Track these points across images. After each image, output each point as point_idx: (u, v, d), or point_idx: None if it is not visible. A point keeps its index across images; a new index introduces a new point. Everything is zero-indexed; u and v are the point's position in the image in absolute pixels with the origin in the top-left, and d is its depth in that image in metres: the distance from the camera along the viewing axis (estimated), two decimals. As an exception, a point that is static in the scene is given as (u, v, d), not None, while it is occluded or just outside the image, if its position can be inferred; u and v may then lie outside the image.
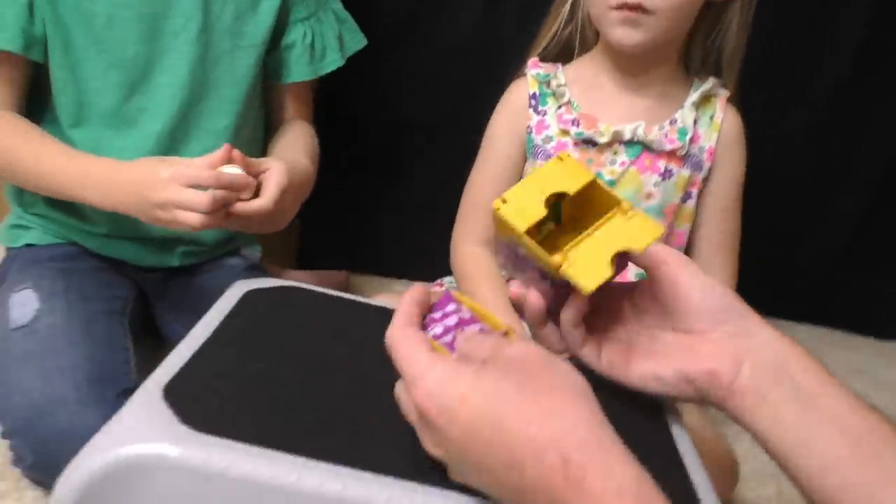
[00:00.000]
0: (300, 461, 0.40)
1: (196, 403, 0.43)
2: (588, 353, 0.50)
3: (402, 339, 0.42)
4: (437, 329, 0.47)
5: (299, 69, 0.92)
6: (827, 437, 0.43)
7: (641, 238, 0.48)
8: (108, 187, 0.75)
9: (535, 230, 0.49)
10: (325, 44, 0.93)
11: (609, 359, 0.50)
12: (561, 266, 0.47)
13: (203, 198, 0.69)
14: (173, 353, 0.48)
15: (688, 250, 0.91)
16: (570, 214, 0.51)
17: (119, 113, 0.83)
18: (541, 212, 0.49)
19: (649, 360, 0.49)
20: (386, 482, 0.40)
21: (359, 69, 0.99)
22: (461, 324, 0.47)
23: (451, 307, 0.48)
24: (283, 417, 0.43)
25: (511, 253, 0.52)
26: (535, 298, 0.51)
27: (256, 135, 0.94)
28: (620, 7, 0.79)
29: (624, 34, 0.80)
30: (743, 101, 0.90)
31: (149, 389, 0.44)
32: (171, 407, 0.42)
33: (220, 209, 0.71)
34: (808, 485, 0.44)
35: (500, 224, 0.50)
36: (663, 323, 0.50)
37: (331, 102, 1.08)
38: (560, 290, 0.49)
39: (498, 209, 0.49)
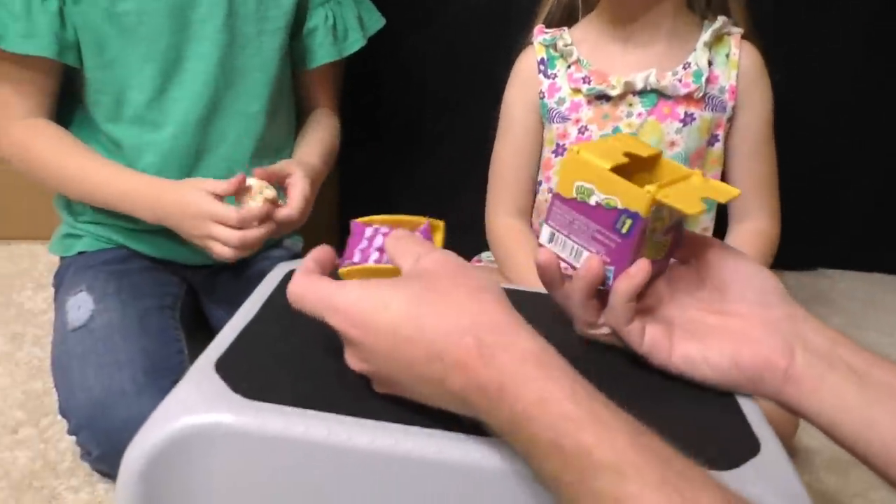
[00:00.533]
0: (350, 420, 0.41)
1: (247, 375, 0.44)
2: (631, 332, 0.47)
3: (303, 286, 0.43)
4: (357, 257, 0.49)
5: (324, 52, 0.94)
6: (891, 413, 0.42)
7: (721, 193, 0.48)
8: (152, 206, 0.81)
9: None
10: (347, 25, 0.95)
11: (652, 339, 0.47)
12: (654, 197, 0.45)
13: (233, 236, 0.77)
14: (222, 332, 0.50)
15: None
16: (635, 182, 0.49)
17: (155, 104, 0.86)
18: (621, 161, 0.48)
19: (696, 343, 0.47)
20: (435, 435, 0.41)
21: (379, 50, 0.99)
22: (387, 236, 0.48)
23: (368, 233, 0.50)
24: (327, 383, 0.45)
25: (569, 213, 0.49)
26: (595, 262, 0.47)
27: (290, 120, 0.96)
28: None
29: None
30: (769, 46, 0.88)
31: (202, 366, 0.46)
32: (224, 379, 0.44)
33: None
34: (884, 461, 0.42)
35: (576, 167, 0.48)
36: (706, 306, 0.48)
37: (354, 85, 1.08)
38: (621, 253, 0.47)
39: (578, 151, 0.48)
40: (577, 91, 0.87)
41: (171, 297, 0.90)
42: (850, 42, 1.17)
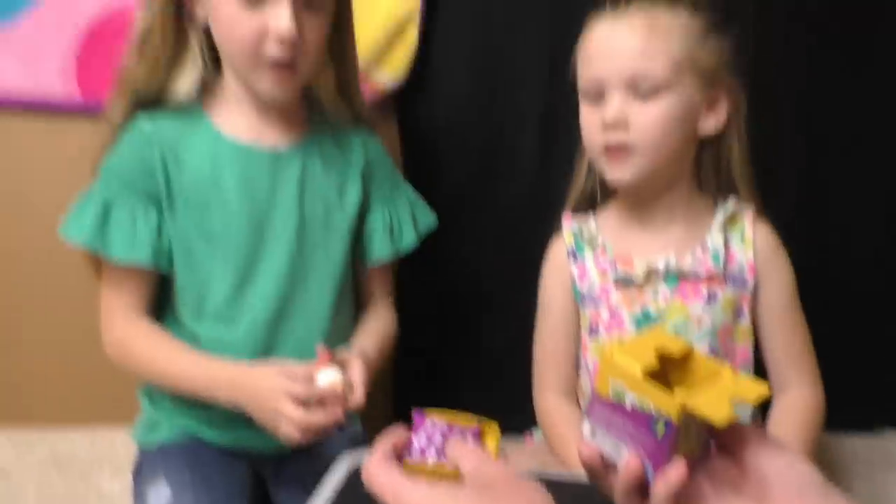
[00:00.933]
0: None
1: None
2: None
3: (378, 471, 0.49)
4: (419, 453, 0.54)
5: (381, 250, 1.01)
6: None
7: (751, 393, 0.50)
8: (232, 391, 0.88)
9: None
10: (402, 225, 1.03)
11: None
12: (684, 405, 0.47)
13: (302, 418, 0.83)
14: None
15: (760, 369, 0.93)
16: (667, 382, 0.52)
17: (231, 304, 0.93)
18: (652, 362, 0.51)
19: None
20: None
21: (428, 240, 1.06)
22: (444, 436, 0.53)
23: (428, 427, 0.54)
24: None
25: (608, 412, 0.52)
26: (634, 463, 0.50)
27: (352, 313, 1.03)
28: (606, 150, 0.88)
29: (616, 174, 0.89)
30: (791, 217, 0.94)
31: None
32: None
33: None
34: None
35: (611, 370, 0.51)
36: (747, 499, 0.49)
37: (404, 272, 1.14)
38: (658, 453, 0.49)
39: (612, 355, 0.51)
40: (604, 275, 0.93)
41: (239, 483, 0.95)
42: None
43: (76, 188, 0.94)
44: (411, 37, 1.15)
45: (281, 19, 0.86)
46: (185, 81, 0.92)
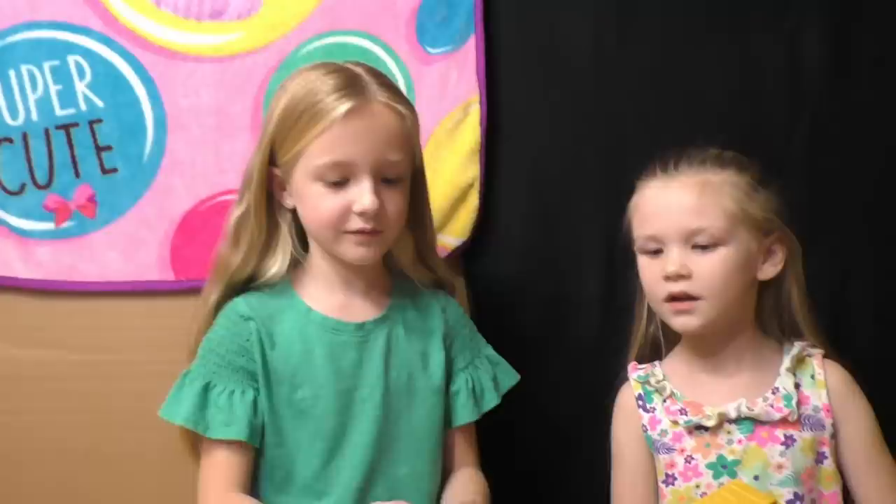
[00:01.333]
0: None
1: None
2: None
3: None
4: None
5: (465, 413, 1.03)
6: None
7: None
8: None
9: None
10: (483, 386, 1.05)
11: None
12: None
13: None
14: None
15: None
16: None
17: (321, 475, 0.95)
18: None
19: None
20: None
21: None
22: None
23: None
24: None
25: None
26: None
27: (437, 478, 1.04)
28: (671, 300, 0.91)
29: (682, 322, 0.92)
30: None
31: None
32: None
33: None
34: None
35: None
36: None
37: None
38: None
39: None
40: (675, 423, 0.94)
41: None
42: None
43: (174, 364, 1.01)
44: (473, 201, 1.22)
45: (364, 197, 0.92)
46: (276, 263, 0.99)
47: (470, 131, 1.22)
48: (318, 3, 1.24)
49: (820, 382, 0.92)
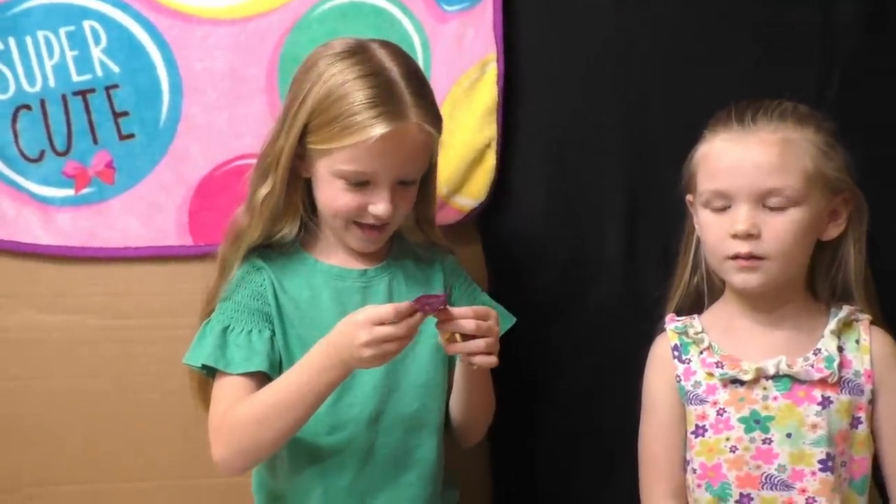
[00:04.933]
0: None
1: None
2: None
3: None
4: None
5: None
6: None
7: None
8: (328, 357, 0.87)
9: None
10: None
11: None
12: None
13: (397, 330, 0.83)
14: None
15: (881, 479, 0.88)
16: None
17: (331, 412, 0.95)
18: None
19: None
20: None
21: (520, 343, 1.06)
22: None
23: None
24: None
25: None
26: None
27: (442, 414, 1.03)
28: (735, 258, 0.86)
29: (743, 279, 0.87)
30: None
31: None
32: None
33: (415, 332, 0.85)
34: None
35: None
36: None
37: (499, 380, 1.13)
38: None
39: None
40: (710, 375, 0.91)
41: None
42: None
43: (194, 329, 0.99)
44: (490, 162, 1.18)
45: (380, 204, 0.94)
46: (289, 229, 1.00)
47: (487, 90, 1.17)
48: None
49: (864, 348, 0.89)
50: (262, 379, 0.94)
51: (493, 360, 0.89)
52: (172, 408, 1.20)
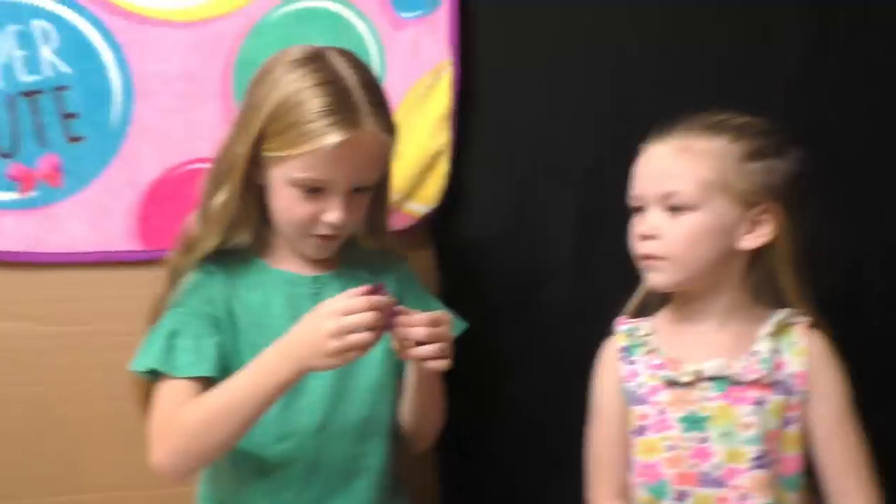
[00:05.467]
0: None
1: None
2: None
3: None
4: None
5: None
6: None
7: None
8: (288, 354, 0.86)
9: None
10: None
11: None
12: None
13: (367, 317, 0.82)
14: None
15: (814, 477, 0.90)
16: None
17: (279, 420, 0.94)
18: None
19: None
20: None
21: (474, 346, 1.05)
22: None
23: None
24: None
25: None
26: None
27: (394, 421, 1.03)
28: (641, 258, 0.93)
29: (650, 278, 0.93)
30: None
31: None
32: None
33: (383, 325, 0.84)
34: None
35: None
36: None
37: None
38: None
39: None
40: (654, 376, 0.93)
41: None
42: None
43: (140, 333, 0.98)
44: (443, 168, 1.18)
45: (333, 212, 0.94)
46: (244, 236, 1.00)
47: (441, 96, 1.18)
48: None
49: (800, 350, 0.92)
50: (208, 385, 0.92)
51: (445, 363, 0.89)
52: (123, 416, 1.15)
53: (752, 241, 0.91)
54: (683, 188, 0.89)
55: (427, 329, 0.87)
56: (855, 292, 1.12)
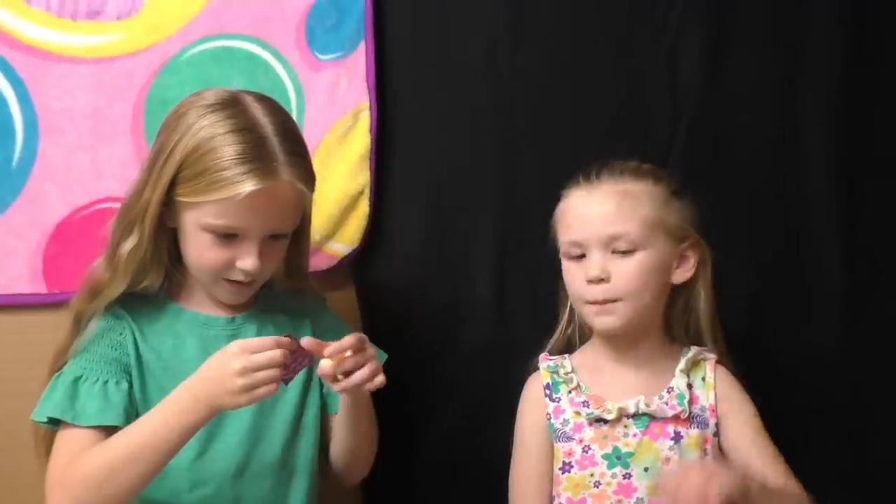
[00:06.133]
0: None
1: None
2: None
3: None
4: None
5: (338, 398, 1.00)
6: None
7: None
8: (196, 394, 0.83)
9: None
10: None
11: None
12: None
13: (275, 354, 0.81)
14: None
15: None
16: None
17: (194, 467, 0.93)
18: None
19: None
20: None
21: (396, 389, 1.02)
22: None
23: None
24: None
25: None
26: None
27: (315, 463, 1.01)
28: (593, 302, 0.93)
29: (602, 322, 0.94)
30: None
31: None
32: None
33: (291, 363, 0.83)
34: None
35: None
36: None
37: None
38: None
39: None
40: (578, 414, 0.95)
41: None
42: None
43: (41, 379, 0.94)
44: (363, 209, 1.18)
45: (247, 259, 0.92)
46: (151, 278, 0.96)
47: (360, 138, 1.18)
48: (204, 4, 1.16)
49: (709, 384, 0.96)
50: (112, 433, 0.88)
51: (381, 379, 0.89)
52: (22, 467, 1.09)
53: (681, 274, 0.96)
54: (630, 229, 0.92)
55: (353, 360, 0.87)
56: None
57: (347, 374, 0.87)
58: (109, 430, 0.88)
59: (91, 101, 1.16)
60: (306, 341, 0.86)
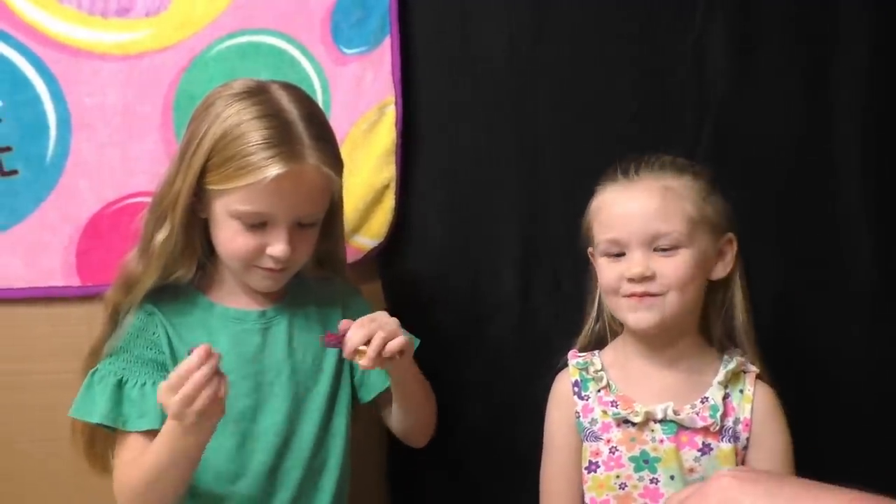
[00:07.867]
0: None
1: None
2: None
3: None
4: None
5: (378, 380, 1.02)
6: None
7: None
8: (175, 427, 0.83)
9: None
10: None
11: None
12: None
13: (196, 378, 0.79)
14: None
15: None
16: None
17: (232, 459, 0.93)
18: None
19: None
20: None
21: (426, 376, 1.06)
22: None
23: None
24: None
25: None
26: None
27: (347, 453, 1.02)
28: (630, 295, 0.89)
29: (637, 318, 0.89)
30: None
31: None
32: None
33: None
34: None
35: None
36: None
37: None
38: None
39: None
40: (606, 413, 0.92)
41: None
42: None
43: (76, 371, 0.95)
44: (389, 203, 1.17)
45: (277, 245, 0.91)
46: (185, 271, 0.96)
47: (385, 132, 1.17)
48: (230, 1, 1.15)
49: (747, 398, 0.91)
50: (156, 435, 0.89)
51: (401, 340, 0.88)
52: (59, 457, 1.12)
53: (721, 270, 0.92)
54: (676, 227, 0.88)
55: (362, 332, 0.87)
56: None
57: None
58: (155, 432, 0.89)
59: (121, 97, 1.15)
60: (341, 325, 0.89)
